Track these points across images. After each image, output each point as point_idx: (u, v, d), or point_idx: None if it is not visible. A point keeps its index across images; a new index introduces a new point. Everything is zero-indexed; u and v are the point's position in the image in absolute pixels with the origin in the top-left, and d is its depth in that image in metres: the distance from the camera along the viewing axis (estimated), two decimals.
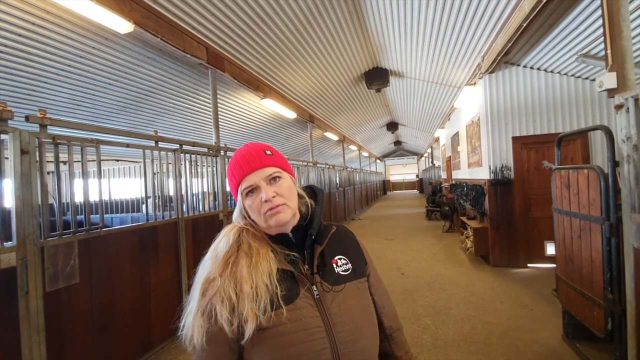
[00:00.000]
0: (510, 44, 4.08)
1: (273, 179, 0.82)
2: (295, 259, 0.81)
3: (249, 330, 0.71)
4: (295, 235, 0.84)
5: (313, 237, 0.85)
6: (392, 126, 15.23)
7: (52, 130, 2.40)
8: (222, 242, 0.83)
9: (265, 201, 0.78)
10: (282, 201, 0.79)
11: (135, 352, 2.88)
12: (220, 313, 0.72)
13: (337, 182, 11.46)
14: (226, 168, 4.46)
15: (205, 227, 3.95)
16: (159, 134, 3.35)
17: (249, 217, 0.85)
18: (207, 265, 0.81)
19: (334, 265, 0.85)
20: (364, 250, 0.95)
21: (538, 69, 5.13)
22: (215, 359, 0.75)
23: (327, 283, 0.80)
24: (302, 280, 0.79)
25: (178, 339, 3.40)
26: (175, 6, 3.70)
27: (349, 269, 0.86)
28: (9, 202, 2.08)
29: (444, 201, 9.47)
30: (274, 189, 0.80)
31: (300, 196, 0.88)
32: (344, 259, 0.87)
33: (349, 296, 0.81)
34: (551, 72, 5.08)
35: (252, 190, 0.81)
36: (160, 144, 3.39)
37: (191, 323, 0.75)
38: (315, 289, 0.79)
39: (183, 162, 3.72)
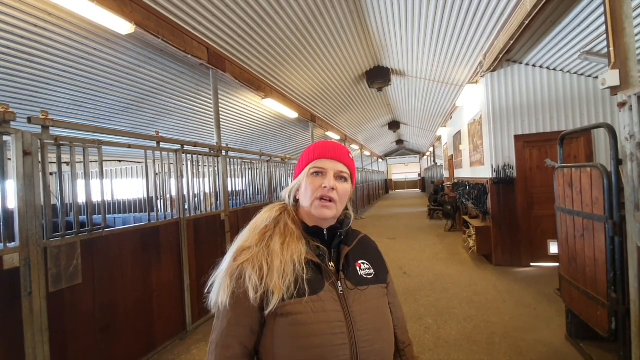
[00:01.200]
0: (512, 42, 4.05)
1: (340, 177, 0.87)
2: (323, 253, 0.85)
3: (274, 301, 0.73)
4: (327, 233, 0.88)
5: (342, 237, 0.89)
6: (394, 125, 15.20)
7: (54, 131, 2.41)
8: (263, 217, 0.88)
9: (324, 187, 0.82)
10: (336, 198, 0.84)
11: (137, 352, 2.89)
12: (249, 278, 0.76)
13: None
14: (228, 168, 4.50)
15: (207, 227, 3.95)
16: (160, 135, 3.35)
17: (295, 199, 0.90)
18: (245, 235, 0.86)
19: (357, 268, 0.88)
20: (384, 261, 0.98)
21: (540, 66, 5.10)
22: (234, 321, 0.76)
23: (350, 282, 0.83)
24: (329, 274, 0.82)
25: (182, 335, 3.41)
26: (176, 7, 3.71)
27: (371, 273, 0.88)
28: (12, 203, 2.10)
29: (446, 200, 9.44)
30: (336, 184, 0.84)
31: (346, 207, 0.93)
32: (367, 264, 0.90)
33: (370, 298, 0.83)
34: (554, 69, 5.05)
35: (319, 173, 0.85)
36: (162, 145, 3.40)
37: (219, 283, 0.79)
38: (339, 284, 0.81)
39: (185, 163, 3.73)
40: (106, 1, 2.99)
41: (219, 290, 0.78)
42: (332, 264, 0.85)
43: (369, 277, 0.87)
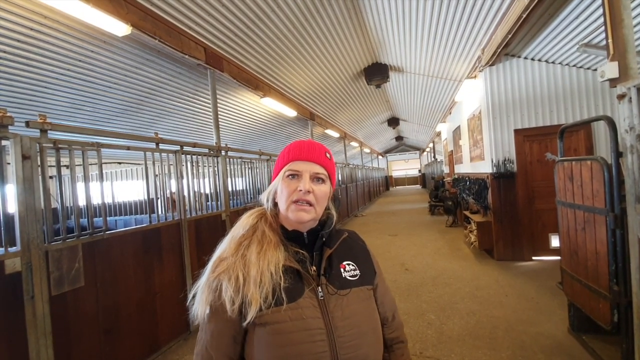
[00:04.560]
0: (510, 36, 4.04)
1: (317, 179, 0.83)
2: (304, 258, 0.82)
3: (251, 313, 0.72)
4: (308, 236, 0.85)
5: (324, 240, 0.86)
6: (393, 122, 15.17)
7: (53, 134, 2.40)
8: (240, 225, 0.86)
9: (300, 190, 0.79)
10: (312, 201, 0.80)
11: (142, 353, 2.90)
12: (225, 290, 0.75)
13: (339, 179, 11.45)
14: (228, 168, 4.50)
15: (208, 228, 3.96)
16: (159, 136, 3.35)
17: (274, 202, 0.87)
18: (224, 245, 0.85)
19: (342, 270, 0.85)
20: (373, 260, 0.95)
21: (539, 60, 5.08)
22: (216, 332, 0.76)
23: (332, 286, 0.80)
24: (308, 280, 0.79)
25: (184, 339, 3.41)
26: (172, 7, 3.69)
27: (356, 275, 0.85)
28: (12, 208, 2.10)
29: (446, 196, 9.44)
30: (313, 186, 0.81)
31: (327, 207, 0.89)
32: (352, 265, 0.87)
33: (353, 301, 0.80)
34: (552, 62, 5.03)
35: (295, 175, 0.82)
36: (161, 146, 3.39)
37: (199, 295, 0.79)
38: (320, 290, 0.78)
39: (184, 163, 3.73)
40: (101, 3, 2.98)
41: (199, 302, 0.78)
42: (314, 268, 0.82)
43: (353, 278, 0.84)
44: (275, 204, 0.88)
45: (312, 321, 0.74)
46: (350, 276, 0.84)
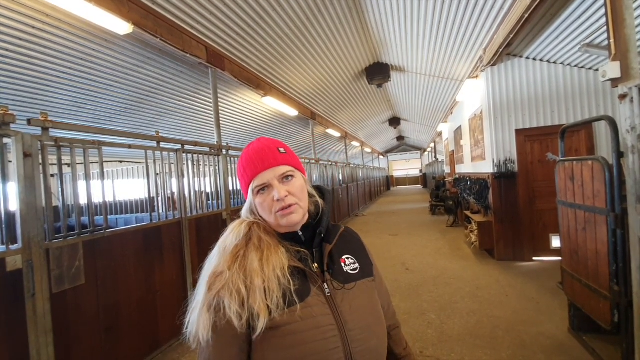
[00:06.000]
0: (512, 36, 4.03)
1: (285, 178, 0.80)
2: (305, 256, 0.81)
3: (260, 324, 0.69)
4: (304, 233, 0.84)
5: (322, 236, 0.84)
6: (395, 121, 15.17)
7: (54, 133, 2.41)
8: (231, 235, 0.81)
9: (278, 200, 0.77)
10: (294, 201, 0.78)
11: (142, 352, 2.91)
12: (229, 306, 0.70)
13: (340, 178, 11.45)
14: (229, 167, 4.51)
15: (209, 227, 3.96)
16: (160, 135, 3.35)
17: (259, 214, 0.83)
18: (215, 260, 0.79)
19: (342, 264, 0.85)
20: (369, 252, 0.96)
21: (541, 60, 5.07)
22: (222, 355, 0.72)
23: (337, 281, 0.80)
24: (314, 278, 0.78)
25: (184, 337, 3.43)
26: (173, 6, 3.70)
27: (356, 268, 0.86)
28: (14, 205, 2.10)
29: (447, 196, 9.44)
30: (286, 188, 0.79)
31: (310, 195, 0.87)
32: (352, 259, 0.87)
33: (358, 295, 0.81)
34: (554, 63, 5.02)
35: (264, 188, 0.79)
36: (162, 144, 3.40)
37: (196, 318, 0.72)
38: (326, 286, 0.78)
39: (185, 162, 3.73)
40: (103, 1, 2.98)
41: (198, 325, 0.71)
42: (316, 265, 0.81)
43: (355, 272, 0.84)
44: (258, 214, 0.84)
45: (322, 318, 0.73)
46: (351, 270, 0.85)
